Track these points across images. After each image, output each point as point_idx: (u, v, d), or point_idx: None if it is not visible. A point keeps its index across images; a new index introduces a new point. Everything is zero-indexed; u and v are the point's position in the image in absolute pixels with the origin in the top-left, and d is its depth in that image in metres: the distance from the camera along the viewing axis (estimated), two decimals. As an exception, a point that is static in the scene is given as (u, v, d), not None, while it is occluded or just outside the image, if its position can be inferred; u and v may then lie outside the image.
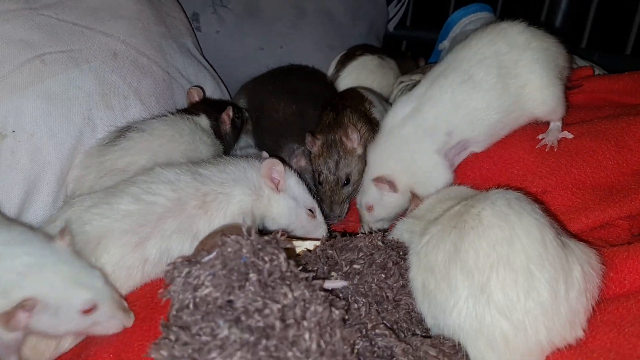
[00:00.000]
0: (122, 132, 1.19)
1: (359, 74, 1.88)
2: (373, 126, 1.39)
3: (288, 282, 0.72)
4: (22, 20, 1.17)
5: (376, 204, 1.21)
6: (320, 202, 1.28)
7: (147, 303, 0.98)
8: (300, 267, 0.78)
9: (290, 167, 1.27)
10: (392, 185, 1.15)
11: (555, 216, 1.05)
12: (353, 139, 1.30)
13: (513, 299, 0.74)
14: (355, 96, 1.51)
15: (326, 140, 1.33)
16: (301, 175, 1.23)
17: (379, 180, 1.16)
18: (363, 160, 1.31)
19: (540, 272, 0.75)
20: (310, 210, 1.17)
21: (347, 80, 1.87)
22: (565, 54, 1.22)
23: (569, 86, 1.40)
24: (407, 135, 1.16)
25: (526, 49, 1.14)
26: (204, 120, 1.38)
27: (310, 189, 1.24)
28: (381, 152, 1.18)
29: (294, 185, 1.16)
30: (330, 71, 1.99)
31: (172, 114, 1.33)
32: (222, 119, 1.41)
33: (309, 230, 1.17)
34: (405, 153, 1.16)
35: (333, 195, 1.30)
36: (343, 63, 1.94)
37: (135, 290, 1.01)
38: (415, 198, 1.07)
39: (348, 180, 1.31)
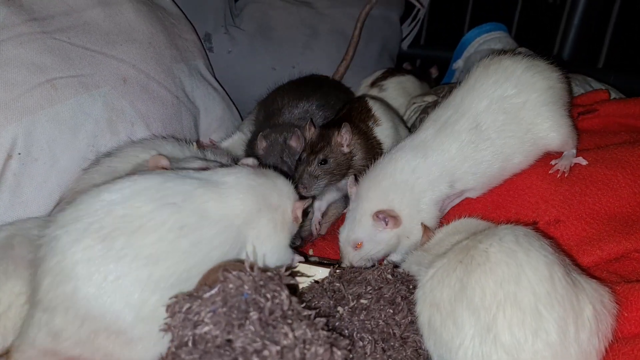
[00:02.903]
0: (98, 159, 1.19)
1: (406, 86, 1.99)
2: (369, 143, 1.40)
3: (289, 321, 0.71)
4: (36, 44, 1.17)
5: (368, 240, 1.14)
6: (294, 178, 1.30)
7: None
8: (304, 304, 0.76)
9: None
10: (395, 221, 1.11)
11: (566, 251, 1.03)
12: (343, 137, 1.31)
13: (520, 340, 0.72)
14: (362, 110, 1.50)
15: (320, 132, 1.35)
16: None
17: (381, 213, 1.10)
18: (345, 160, 1.33)
19: (548, 311, 0.73)
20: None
21: (394, 86, 1.96)
22: (568, 86, 1.20)
23: (584, 111, 1.38)
24: (414, 182, 1.12)
25: (532, 90, 1.12)
26: None
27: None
28: (383, 189, 1.14)
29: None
30: (374, 75, 2.03)
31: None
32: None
33: None
34: (411, 199, 1.12)
35: (307, 167, 1.29)
36: (392, 73, 2.03)
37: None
38: (427, 230, 1.05)
39: (325, 162, 1.30)
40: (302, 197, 1.11)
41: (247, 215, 0.92)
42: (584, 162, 1.16)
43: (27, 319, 0.80)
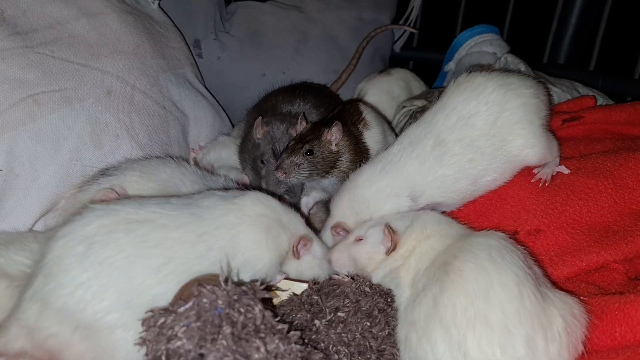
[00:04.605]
0: (96, 177, 1.18)
1: (399, 79, 2.03)
2: (357, 147, 1.41)
3: (262, 335, 0.72)
4: (18, 59, 1.17)
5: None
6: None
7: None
8: (278, 318, 0.77)
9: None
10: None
11: (543, 261, 1.04)
12: (333, 134, 1.33)
13: (489, 355, 0.74)
14: (354, 112, 1.51)
15: (312, 126, 1.38)
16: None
17: (336, 227, 1.16)
18: (331, 157, 1.35)
19: (516, 328, 0.75)
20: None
21: (386, 79, 2.01)
22: (545, 97, 1.19)
23: (569, 118, 1.38)
24: (370, 196, 1.15)
25: (503, 108, 1.11)
26: None
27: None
28: (344, 202, 1.19)
29: None
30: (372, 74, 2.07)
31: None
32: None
33: None
34: (367, 213, 1.15)
35: (291, 154, 1.30)
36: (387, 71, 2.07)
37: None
38: (390, 233, 1.00)
39: (311, 152, 1.31)
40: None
41: (250, 224, 0.97)
42: (566, 171, 1.16)
43: (19, 300, 0.82)
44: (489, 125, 1.11)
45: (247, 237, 0.96)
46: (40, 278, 0.81)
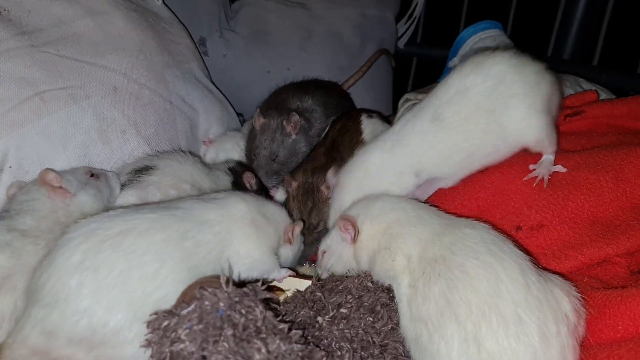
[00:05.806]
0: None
1: None
2: None
3: (263, 336, 0.73)
4: (24, 59, 1.19)
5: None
6: None
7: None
8: (280, 317, 0.78)
9: None
10: None
11: (543, 255, 1.06)
12: (327, 184, 1.33)
13: (505, 345, 0.76)
14: (354, 132, 1.51)
15: (304, 184, 1.36)
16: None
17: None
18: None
19: (528, 316, 0.77)
20: (92, 175, 1.13)
21: None
22: (553, 80, 1.18)
23: (571, 113, 1.37)
24: (378, 171, 1.18)
25: (500, 82, 1.12)
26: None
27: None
28: (352, 181, 1.21)
29: (72, 178, 1.10)
30: None
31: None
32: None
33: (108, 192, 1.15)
34: (373, 188, 1.17)
35: (312, 242, 1.33)
36: None
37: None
38: (345, 223, 1.05)
39: (318, 225, 1.33)
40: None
41: (235, 220, 0.99)
42: (563, 170, 1.16)
43: (22, 317, 0.83)
44: (484, 99, 1.12)
45: (236, 235, 0.98)
46: (39, 309, 0.81)
